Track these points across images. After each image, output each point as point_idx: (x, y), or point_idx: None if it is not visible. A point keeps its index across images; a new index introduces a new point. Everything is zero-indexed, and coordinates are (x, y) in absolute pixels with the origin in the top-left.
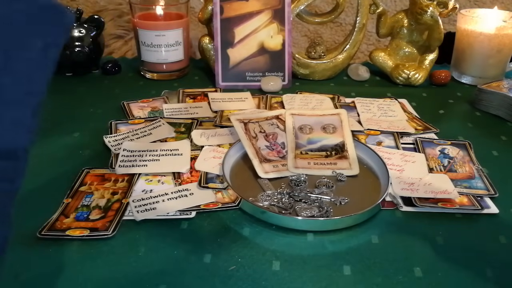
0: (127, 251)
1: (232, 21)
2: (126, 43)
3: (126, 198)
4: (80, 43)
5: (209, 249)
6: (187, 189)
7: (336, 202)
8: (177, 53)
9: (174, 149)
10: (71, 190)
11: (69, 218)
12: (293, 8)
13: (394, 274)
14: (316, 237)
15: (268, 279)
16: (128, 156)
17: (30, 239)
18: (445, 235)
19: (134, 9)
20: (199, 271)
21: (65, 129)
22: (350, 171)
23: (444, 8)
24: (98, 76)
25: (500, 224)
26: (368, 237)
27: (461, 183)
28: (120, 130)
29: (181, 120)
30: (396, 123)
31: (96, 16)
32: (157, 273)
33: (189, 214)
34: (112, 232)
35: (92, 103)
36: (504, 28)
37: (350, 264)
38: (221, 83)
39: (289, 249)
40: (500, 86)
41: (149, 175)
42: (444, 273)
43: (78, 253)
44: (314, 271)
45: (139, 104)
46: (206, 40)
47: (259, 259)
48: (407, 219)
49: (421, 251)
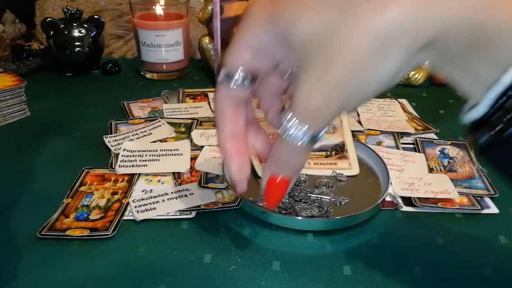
0: (127, 251)
1: (232, 21)
2: (126, 43)
3: (126, 198)
4: (80, 43)
5: (209, 249)
6: (187, 189)
7: (336, 202)
8: (177, 53)
9: (174, 149)
10: (71, 190)
11: (69, 218)
12: None
13: (394, 274)
14: (316, 237)
15: (268, 279)
16: (128, 156)
17: (30, 239)
18: (445, 235)
19: (134, 9)
20: (199, 271)
21: (65, 129)
22: (350, 171)
23: None
24: (98, 76)
25: (500, 224)
26: (368, 237)
27: (461, 183)
28: (120, 130)
29: (181, 120)
30: (396, 123)
31: (96, 16)
32: (157, 273)
33: (189, 214)
34: (112, 232)
35: (92, 103)
36: None
37: (350, 264)
38: None
39: (289, 249)
40: None
41: (149, 175)
42: (444, 273)
43: (78, 253)
44: (314, 271)
45: (139, 104)
46: (206, 40)
47: (259, 259)
48: (407, 219)
49: (421, 251)
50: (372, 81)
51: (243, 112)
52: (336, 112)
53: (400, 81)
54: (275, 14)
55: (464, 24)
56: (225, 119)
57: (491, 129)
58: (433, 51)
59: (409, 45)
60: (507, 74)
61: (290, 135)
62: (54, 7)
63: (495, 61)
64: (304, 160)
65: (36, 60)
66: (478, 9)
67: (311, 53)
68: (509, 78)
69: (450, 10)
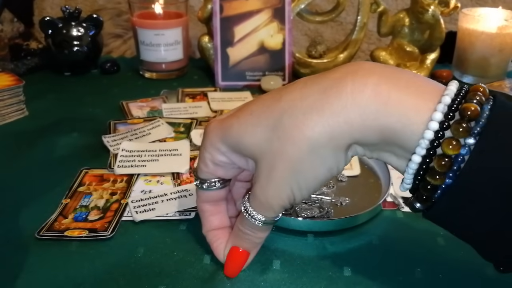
0: (126, 252)
1: (231, 20)
2: (125, 42)
3: (125, 199)
4: (79, 42)
5: (209, 250)
6: (187, 189)
7: (337, 203)
8: (176, 52)
9: (173, 149)
10: (69, 191)
11: (68, 219)
12: (294, 7)
13: (395, 275)
14: (317, 238)
15: (268, 280)
16: (127, 156)
17: (28, 240)
18: (446, 235)
19: (133, 8)
20: (198, 272)
21: (63, 129)
22: (351, 171)
23: (446, 7)
24: (96, 76)
25: None
26: (369, 238)
27: None
28: (119, 130)
29: (180, 120)
30: None
31: (95, 15)
32: (156, 274)
33: (189, 215)
34: (111, 233)
35: (91, 102)
36: (506, 27)
37: (350, 265)
38: (220, 82)
39: (289, 250)
40: (502, 86)
41: (148, 176)
42: (445, 274)
43: (76, 254)
44: (314, 272)
45: (138, 103)
46: (205, 39)
47: (259, 259)
48: (408, 220)
49: (422, 252)
50: (312, 178)
51: (224, 207)
52: (285, 204)
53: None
54: (224, 135)
55: (369, 131)
56: (206, 215)
57: (420, 198)
58: (358, 148)
59: (334, 150)
60: (416, 155)
61: (251, 216)
62: (52, 6)
63: (405, 146)
64: (264, 235)
65: (34, 60)
66: (377, 117)
67: (259, 159)
68: (418, 157)
69: (352, 125)
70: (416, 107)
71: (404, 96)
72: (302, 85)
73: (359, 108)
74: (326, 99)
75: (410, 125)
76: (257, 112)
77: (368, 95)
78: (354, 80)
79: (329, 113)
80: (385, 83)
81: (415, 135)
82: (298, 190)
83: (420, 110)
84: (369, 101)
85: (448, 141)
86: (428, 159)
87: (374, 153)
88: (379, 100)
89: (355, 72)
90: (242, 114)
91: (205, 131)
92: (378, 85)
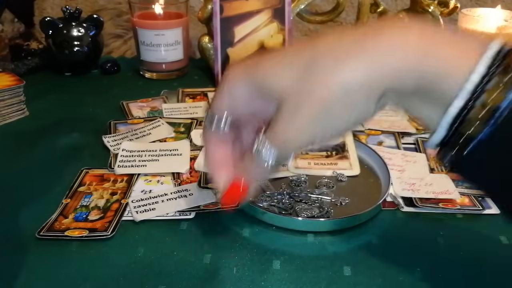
0: (126, 252)
1: (232, 20)
2: (125, 43)
3: (125, 199)
4: (79, 43)
5: (209, 249)
6: (187, 189)
7: (337, 203)
8: (176, 53)
9: (174, 149)
10: (70, 191)
11: (68, 219)
12: (293, 7)
13: (395, 275)
14: (317, 238)
15: (268, 280)
16: (127, 156)
17: (29, 240)
18: (446, 235)
19: (133, 8)
20: (198, 272)
21: (63, 129)
22: (350, 171)
23: (445, 7)
24: (97, 76)
25: (501, 224)
26: (369, 238)
27: (462, 183)
28: (119, 130)
29: (180, 120)
30: (397, 123)
31: (95, 15)
32: (157, 274)
33: (189, 214)
34: (111, 233)
35: (91, 103)
36: (505, 27)
37: (350, 265)
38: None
39: (289, 250)
40: None
41: (148, 176)
42: (445, 274)
43: (77, 254)
44: (314, 272)
45: (138, 103)
46: (205, 40)
47: (259, 259)
48: (408, 220)
49: (422, 252)
50: (339, 122)
51: (228, 147)
52: (304, 145)
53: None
54: (253, 72)
55: (408, 78)
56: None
57: (451, 150)
58: (391, 96)
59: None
60: (452, 106)
61: (260, 154)
62: (53, 6)
63: (442, 97)
64: (267, 175)
65: (35, 60)
66: (416, 62)
67: (285, 99)
68: (454, 109)
69: (392, 70)
70: (459, 56)
71: (446, 45)
72: (339, 33)
73: (399, 53)
74: (364, 44)
75: (451, 74)
76: (290, 53)
77: (411, 40)
78: (393, 28)
79: (367, 58)
80: (428, 33)
81: (456, 84)
82: (321, 132)
83: (463, 60)
84: (410, 46)
85: (490, 91)
86: (466, 110)
87: (406, 102)
88: (421, 46)
89: (393, 23)
90: (273, 56)
91: (230, 69)
92: (421, 34)
